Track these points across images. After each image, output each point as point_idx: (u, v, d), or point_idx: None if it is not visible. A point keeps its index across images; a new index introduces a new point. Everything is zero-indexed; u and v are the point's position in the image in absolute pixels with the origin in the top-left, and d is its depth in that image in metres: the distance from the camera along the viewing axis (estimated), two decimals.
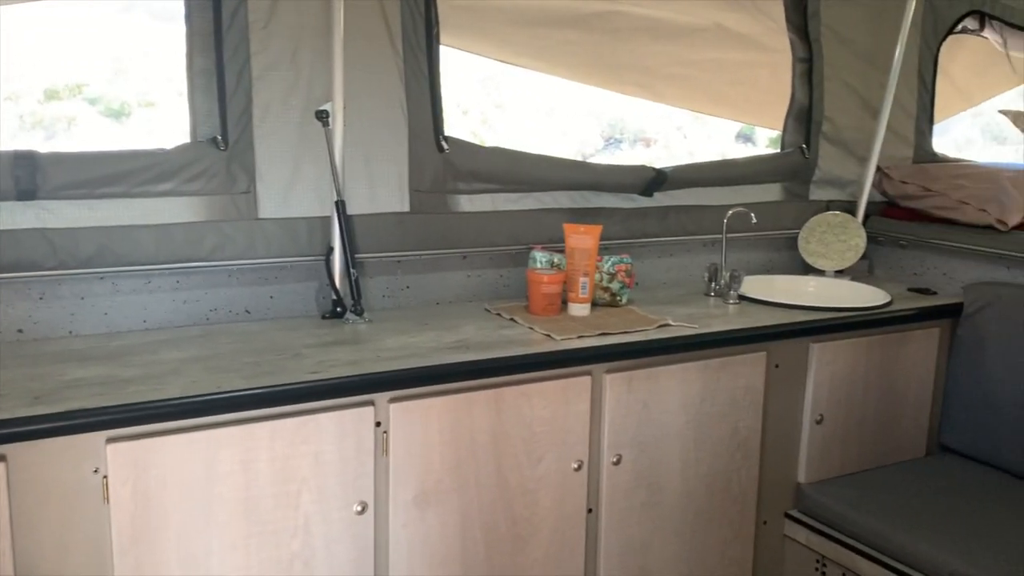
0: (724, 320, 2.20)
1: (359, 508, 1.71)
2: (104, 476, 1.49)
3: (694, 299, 2.44)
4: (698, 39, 2.79)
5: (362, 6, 2.07)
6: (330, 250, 2.09)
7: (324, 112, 2.00)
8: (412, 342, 1.91)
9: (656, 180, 2.53)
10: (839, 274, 2.75)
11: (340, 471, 1.68)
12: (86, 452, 1.48)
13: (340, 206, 2.05)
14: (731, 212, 2.49)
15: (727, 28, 2.79)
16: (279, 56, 2.01)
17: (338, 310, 2.09)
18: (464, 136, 2.29)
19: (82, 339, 1.89)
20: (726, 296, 2.40)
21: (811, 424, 2.28)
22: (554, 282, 2.14)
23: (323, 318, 2.11)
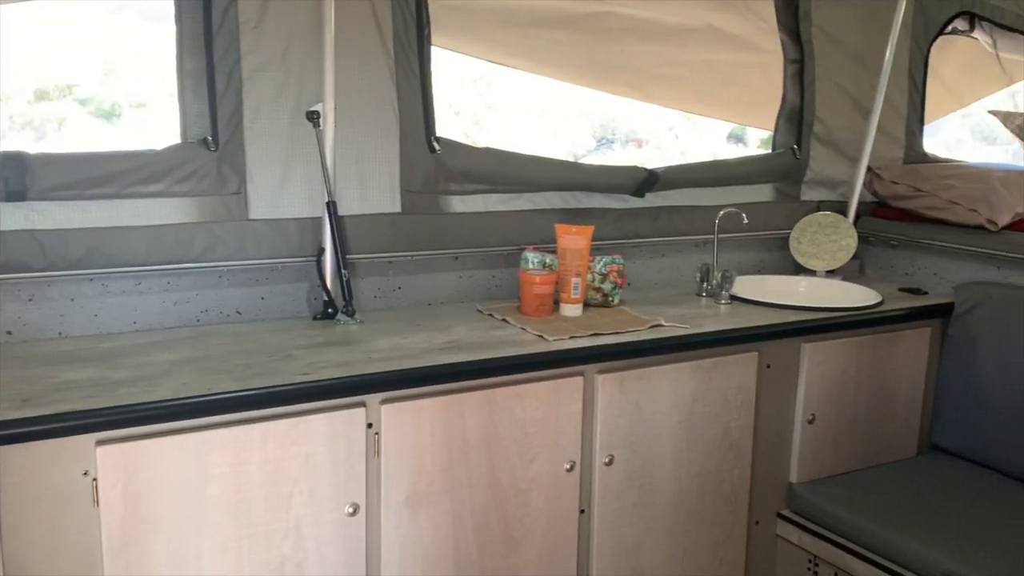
0: (716, 320, 2.20)
1: (351, 510, 1.70)
2: (94, 479, 1.48)
3: (686, 299, 2.44)
4: (689, 40, 2.80)
5: (353, 7, 2.06)
6: (321, 251, 2.08)
7: (315, 113, 2.00)
8: (404, 343, 1.91)
9: (648, 181, 2.53)
10: (830, 274, 2.75)
11: (331, 473, 1.67)
12: (76, 455, 1.47)
13: (331, 207, 2.05)
14: (723, 212, 2.49)
15: (718, 29, 2.79)
16: (270, 57, 2.01)
17: (329, 311, 2.09)
18: (456, 137, 2.29)
19: (72, 341, 1.89)
20: (718, 296, 2.40)
21: (803, 424, 2.29)
22: (546, 283, 2.14)
23: (314, 319, 2.11)
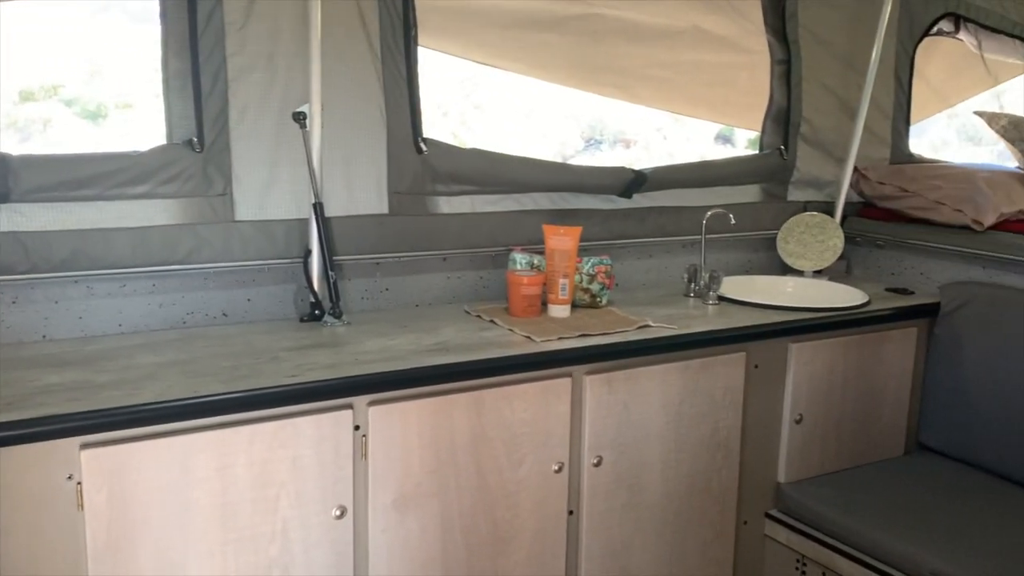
0: (704, 321, 2.20)
1: (338, 512, 1.70)
2: (78, 483, 1.47)
3: (674, 300, 2.44)
4: (676, 41, 2.80)
5: (339, 8, 2.06)
6: (308, 252, 2.08)
7: (301, 114, 1.99)
8: (391, 345, 1.90)
9: (635, 181, 2.53)
10: (817, 274, 2.76)
11: (319, 475, 1.67)
12: (60, 458, 1.46)
13: (318, 208, 2.04)
14: (710, 213, 2.50)
15: (705, 30, 2.80)
16: (256, 57, 2.00)
17: (316, 313, 2.08)
18: (443, 138, 2.28)
19: (56, 343, 1.87)
20: (705, 297, 2.41)
21: (790, 424, 2.29)
22: (534, 284, 2.14)
23: (301, 321, 2.10)
